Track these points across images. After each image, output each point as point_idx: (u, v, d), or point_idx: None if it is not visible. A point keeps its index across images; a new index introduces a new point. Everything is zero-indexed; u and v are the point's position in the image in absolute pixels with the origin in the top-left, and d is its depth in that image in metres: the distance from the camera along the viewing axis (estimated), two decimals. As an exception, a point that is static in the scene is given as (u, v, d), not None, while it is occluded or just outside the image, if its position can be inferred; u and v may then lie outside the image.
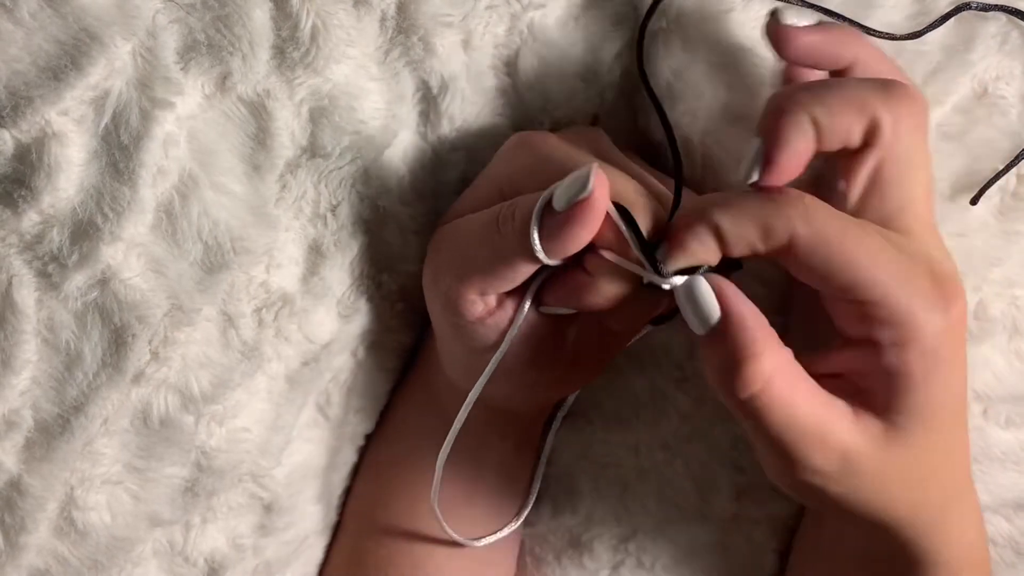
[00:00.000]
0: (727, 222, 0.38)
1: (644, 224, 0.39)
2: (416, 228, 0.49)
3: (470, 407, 0.44)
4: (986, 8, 0.45)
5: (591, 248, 0.40)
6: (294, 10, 0.43)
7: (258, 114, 0.44)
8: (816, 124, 0.38)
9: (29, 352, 0.42)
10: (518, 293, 0.43)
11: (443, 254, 0.44)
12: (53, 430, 0.43)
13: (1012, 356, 0.50)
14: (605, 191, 0.38)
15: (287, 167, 0.45)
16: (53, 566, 0.44)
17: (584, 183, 0.37)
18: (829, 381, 0.39)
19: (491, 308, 0.42)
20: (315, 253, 0.47)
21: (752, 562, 0.53)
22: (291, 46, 0.44)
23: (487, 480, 0.50)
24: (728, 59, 0.47)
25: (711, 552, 0.53)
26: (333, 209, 0.46)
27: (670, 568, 0.53)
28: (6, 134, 0.40)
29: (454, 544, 0.49)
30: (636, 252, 0.39)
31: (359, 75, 0.45)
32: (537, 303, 0.43)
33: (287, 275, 0.46)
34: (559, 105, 0.49)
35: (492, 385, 0.43)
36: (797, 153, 0.38)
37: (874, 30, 0.44)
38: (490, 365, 0.43)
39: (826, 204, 0.38)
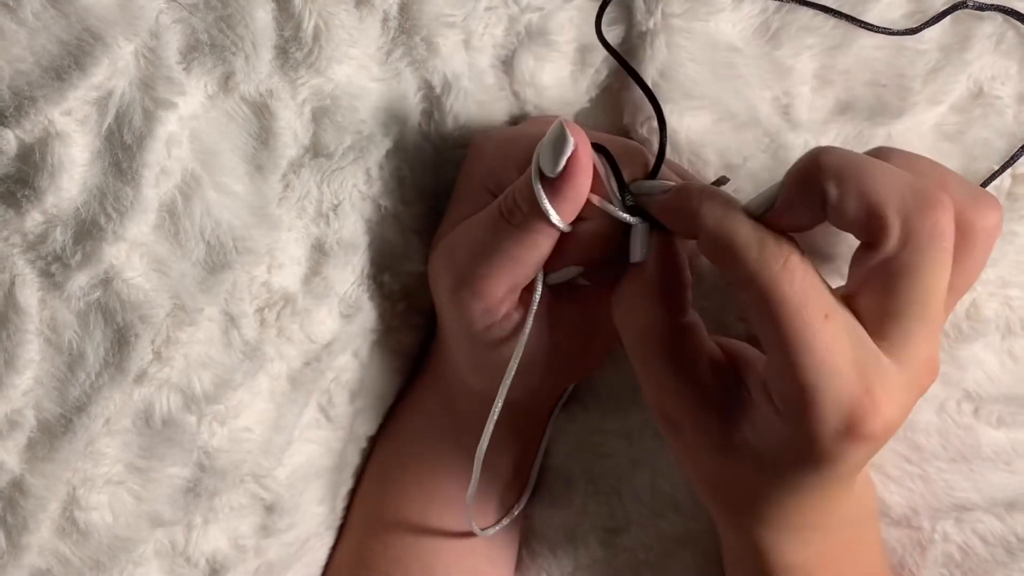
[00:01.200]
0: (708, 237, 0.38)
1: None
2: (417, 227, 0.49)
3: (503, 398, 0.44)
4: (982, 7, 0.46)
5: None
6: (296, 10, 0.43)
7: (261, 114, 0.44)
8: (827, 200, 0.37)
9: (32, 352, 0.42)
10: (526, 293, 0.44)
11: (456, 265, 0.44)
12: (55, 430, 0.43)
13: (1005, 356, 0.50)
14: (583, 138, 0.40)
15: (290, 167, 0.45)
16: (55, 566, 0.44)
17: (564, 138, 0.39)
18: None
19: (514, 304, 0.44)
20: (318, 252, 0.47)
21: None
22: (294, 46, 0.44)
23: (498, 475, 0.50)
24: (717, 59, 0.47)
25: (705, 543, 0.53)
26: (335, 208, 0.47)
27: (664, 560, 0.53)
28: (9, 134, 0.40)
29: (461, 545, 0.50)
30: (612, 191, 0.41)
31: (361, 75, 0.46)
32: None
33: (289, 275, 0.46)
34: (551, 103, 0.49)
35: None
36: (797, 218, 0.38)
37: (872, 25, 0.44)
38: (517, 348, 0.44)
39: (807, 275, 0.37)
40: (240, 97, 0.44)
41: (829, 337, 0.36)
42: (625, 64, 0.45)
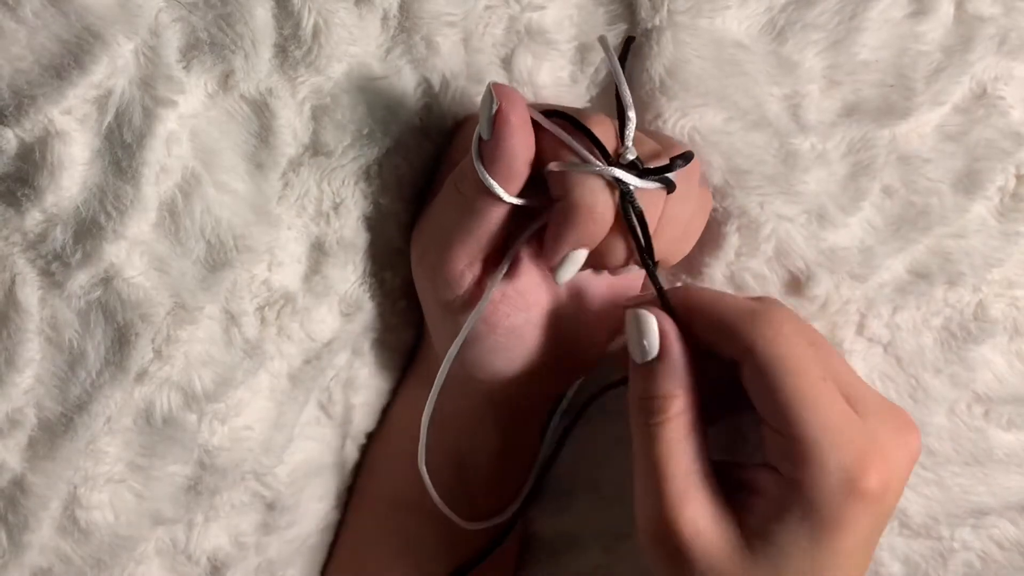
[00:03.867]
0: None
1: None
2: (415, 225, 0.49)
3: (451, 362, 0.44)
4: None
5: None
6: (296, 8, 0.43)
7: (261, 112, 0.44)
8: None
9: (32, 351, 0.42)
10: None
11: (421, 236, 0.46)
12: (56, 428, 0.43)
13: (1013, 357, 0.50)
14: (512, 96, 0.39)
15: (290, 165, 0.45)
16: (56, 564, 0.44)
17: (490, 99, 0.39)
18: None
19: (477, 277, 0.44)
20: (317, 251, 0.47)
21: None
22: (293, 44, 0.44)
23: (488, 474, 0.50)
24: (723, 56, 0.47)
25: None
26: (335, 207, 0.47)
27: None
28: (9, 133, 0.40)
29: (458, 540, 0.49)
30: (583, 155, 0.40)
31: (361, 73, 0.45)
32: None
33: (289, 273, 0.46)
34: (550, 101, 0.49)
35: (494, 373, 0.45)
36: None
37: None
38: (472, 317, 0.43)
39: (802, 340, 0.40)
40: (240, 95, 0.44)
41: (829, 396, 0.38)
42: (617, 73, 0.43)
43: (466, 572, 0.49)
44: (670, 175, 0.41)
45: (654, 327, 0.41)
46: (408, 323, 0.51)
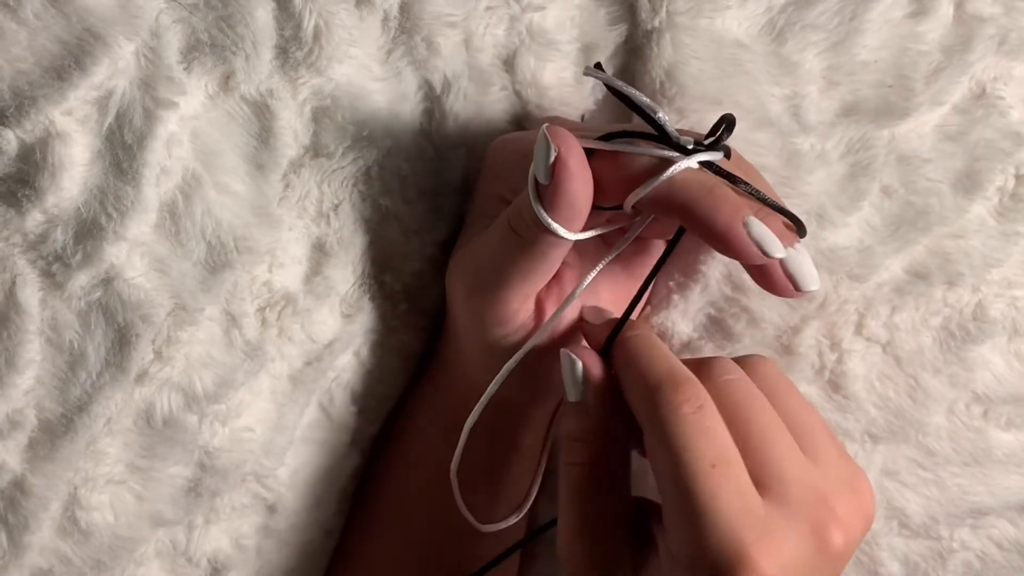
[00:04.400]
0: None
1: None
2: (417, 227, 0.49)
3: (498, 386, 0.44)
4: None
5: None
6: (297, 10, 0.43)
7: (261, 114, 0.44)
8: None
9: (33, 352, 0.42)
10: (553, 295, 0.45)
11: (471, 275, 0.45)
12: (57, 430, 0.43)
13: (1012, 357, 0.50)
14: (568, 139, 0.39)
15: (290, 166, 0.45)
16: (56, 566, 0.44)
17: (546, 145, 0.39)
18: None
19: (531, 313, 0.44)
20: (318, 252, 0.47)
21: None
22: (294, 46, 0.44)
23: (505, 478, 0.50)
24: (724, 56, 0.47)
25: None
26: (336, 208, 0.47)
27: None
28: (10, 134, 0.40)
29: (462, 542, 0.49)
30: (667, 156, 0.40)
31: (362, 75, 0.45)
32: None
33: (290, 274, 0.46)
34: (553, 103, 0.49)
35: (511, 384, 0.44)
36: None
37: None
38: (524, 348, 0.44)
39: (701, 421, 0.39)
40: (240, 97, 0.44)
41: (713, 486, 0.37)
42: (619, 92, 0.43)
43: (485, 572, 0.49)
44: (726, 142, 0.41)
45: (579, 372, 0.41)
46: (410, 326, 0.51)
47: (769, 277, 0.39)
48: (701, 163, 0.40)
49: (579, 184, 0.39)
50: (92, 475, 0.44)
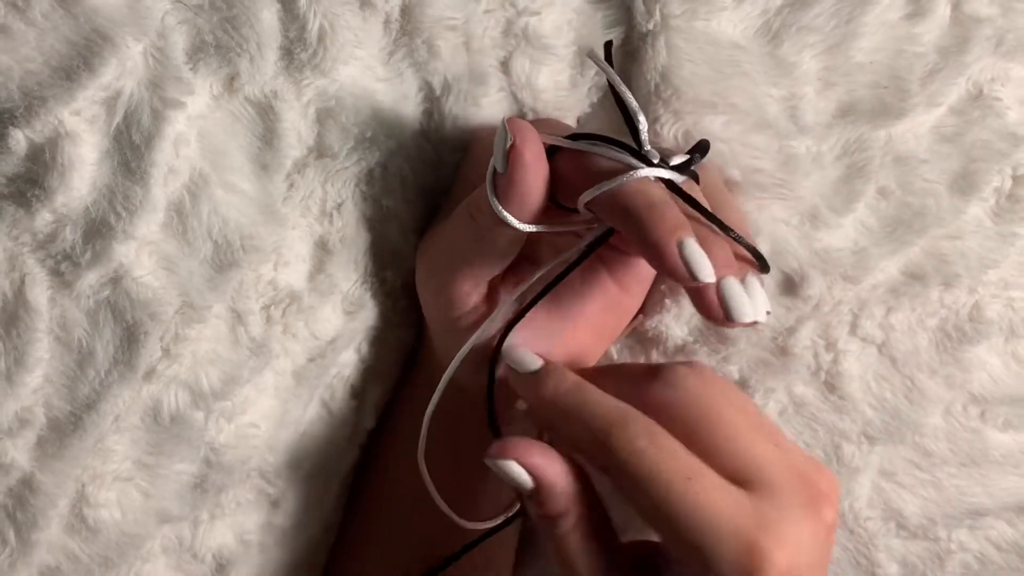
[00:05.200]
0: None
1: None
2: (417, 226, 0.50)
3: (451, 376, 0.45)
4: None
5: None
6: (301, 11, 0.44)
7: (265, 115, 0.45)
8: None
9: (42, 350, 0.42)
10: (510, 286, 0.44)
11: (430, 255, 0.46)
12: (65, 427, 0.43)
13: (1009, 358, 0.50)
14: (526, 131, 0.39)
15: (294, 167, 0.46)
16: (64, 563, 0.44)
17: (505, 135, 0.39)
18: None
19: (483, 297, 0.44)
20: (321, 251, 0.47)
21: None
22: (299, 47, 0.44)
23: (488, 475, 0.50)
24: (721, 58, 0.47)
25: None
26: (339, 208, 0.47)
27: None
28: (19, 134, 0.41)
29: (455, 538, 0.50)
30: (627, 161, 0.39)
31: (365, 76, 0.46)
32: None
33: (294, 273, 0.47)
34: (547, 106, 0.49)
35: (469, 371, 0.45)
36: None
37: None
38: (476, 335, 0.44)
39: (658, 444, 0.38)
40: (245, 98, 0.44)
41: (699, 497, 0.37)
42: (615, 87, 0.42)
43: (451, 562, 0.50)
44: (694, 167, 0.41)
45: (517, 471, 0.40)
46: (408, 322, 0.52)
47: (701, 299, 0.38)
48: (664, 181, 0.39)
49: (532, 176, 0.39)
50: (100, 472, 0.44)
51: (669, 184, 0.40)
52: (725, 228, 0.39)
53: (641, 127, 0.40)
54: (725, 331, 0.50)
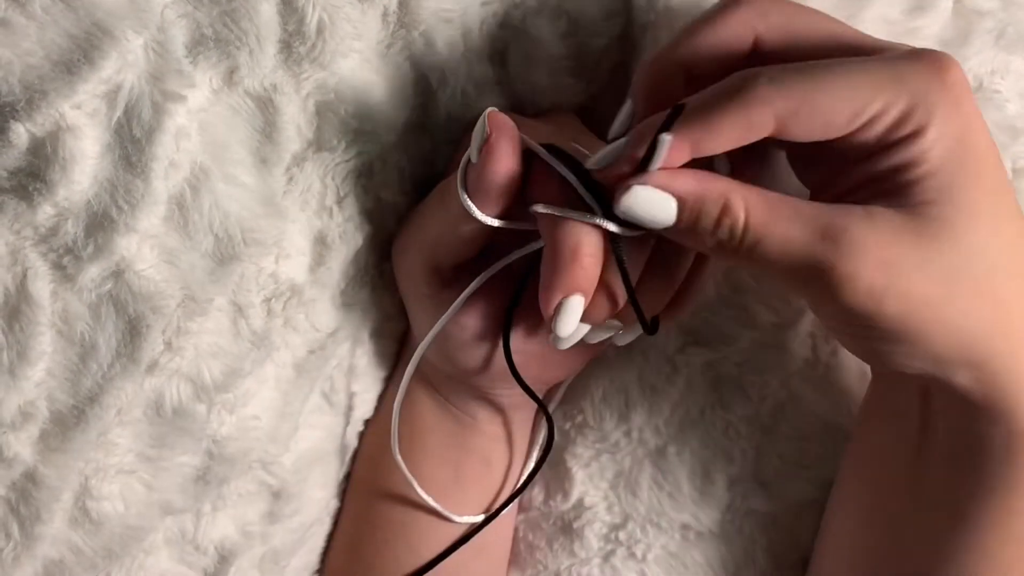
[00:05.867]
0: (706, 141, 0.36)
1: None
2: (414, 218, 0.50)
3: (421, 355, 0.46)
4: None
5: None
6: (300, 4, 0.44)
7: (265, 108, 0.45)
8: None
9: (44, 344, 0.42)
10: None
11: (405, 233, 0.47)
12: (68, 421, 0.43)
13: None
14: (504, 125, 0.39)
15: (293, 160, 0.46)
16: (67, 556, 0.44)
17: (482, 127, 0.39)
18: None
19: (448, 280, 0.45)
20: (321, 244, 0.47)
21: (744, 555, 0.54)
22: (297, 40, 0.44)
23: (475, 465, 0.51)
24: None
25: (703, 543, 0.54)
26: (339, 202, 0.47)
27: (661, 560, 0.54)
28: (20, 128, 0.40)
29: (448, 530, 0.50)
30: (581, 191, 0.39)
31: (364, 69, 0.46)
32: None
33: (295, 265, 0.47)
34: (546, 96, 0.50)
35: (467, 370, 0.46)
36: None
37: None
38: (443, 318, 0.44)
39: (779, 67, 0.36)
40: (244, 91, 0.44)
41: (857, 70, 0.36)
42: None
43: (445, 556, 0.50)
44: None
45: (651, 195, 0.37)
46: (404, 313, 0.52)
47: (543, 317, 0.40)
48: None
49: (501, 170, 0.40)
50: (103, 465, 0.44)
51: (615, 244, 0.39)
52: (634, 300, 0.40)
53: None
54: (725, 331, 0.51)
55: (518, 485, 0.52)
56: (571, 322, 0.39)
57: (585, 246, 0.39)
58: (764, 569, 0.53)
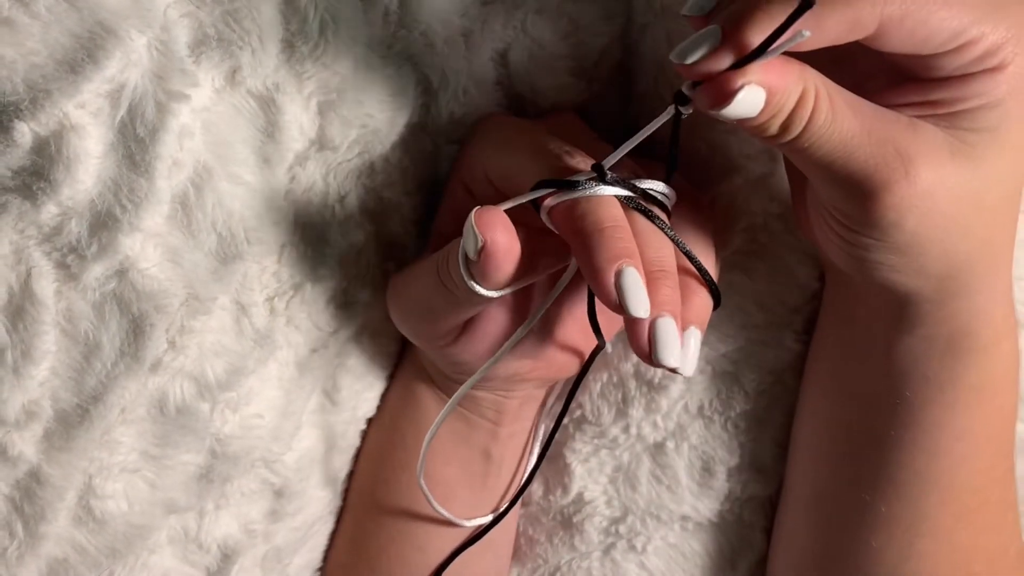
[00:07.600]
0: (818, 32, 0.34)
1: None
2: (416, 218, 0.50)
3: (457, 401, 0.46)
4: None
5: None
6: (302, 4, 0.43)
7: (267, 108, 0.44)
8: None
9: (48, 343, 0.42)
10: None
11: (403, 302, 0.46)
12: (72, 420, 0.43)
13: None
14: (495, 225, 0.38)
15: (296, 159, 0.46)
16: (71, 555, 0.45)
17: (474, 234, 0.38)
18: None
19: (458, 335, 0.45)
20: (323, 243, 0.47)
21: (743, 542, 0.54)
22: (300, 40, 0.44)
23: (481, 463, 0.51)
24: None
25: (702, 533, 0.54)
26: (340, 200, 0.47)
27: (661, 551, 0.54)
28: (24, 127, 0.40)
29: (453, 527, 0.50)
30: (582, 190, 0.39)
31: (366, 68, 0.46)
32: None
33: (297, 264, 0.47)
34: (547, 96, 0.50)
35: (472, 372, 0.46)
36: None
37: None
38: (480, 371, 0.45)
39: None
40: (247, 91, 0.44)
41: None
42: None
43: (456, 555, 0.51)
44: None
45: (751, 92, 0.34)
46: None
47: (632, 331, 0.37)
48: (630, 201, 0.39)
49: (507, 264, 0.39)
50: (107, 464, 0.44)
51: (637, 205, 0.39)
52: (686, 252, 0.39)
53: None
54: (725, 331, 0.51)
55: (522, 481, 0.52)
56: (640, 295, 0.36)
57: (615, 218, 0.38)
58: (762, 552, 0.54)
